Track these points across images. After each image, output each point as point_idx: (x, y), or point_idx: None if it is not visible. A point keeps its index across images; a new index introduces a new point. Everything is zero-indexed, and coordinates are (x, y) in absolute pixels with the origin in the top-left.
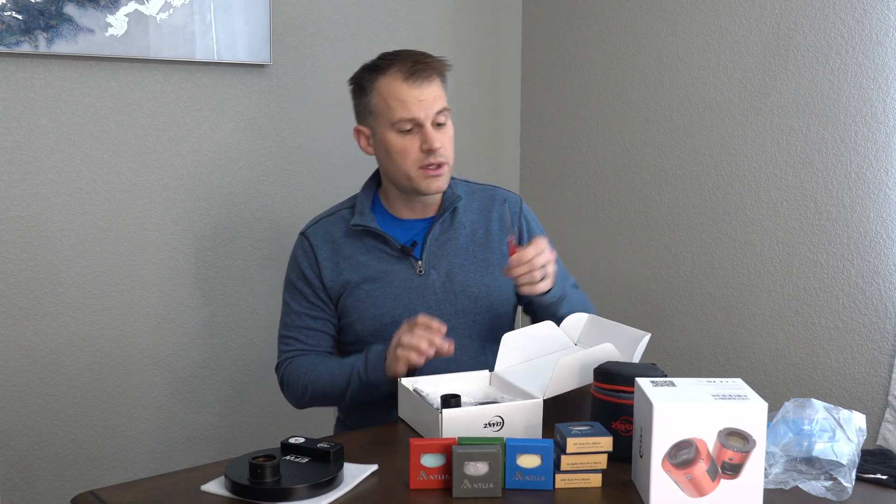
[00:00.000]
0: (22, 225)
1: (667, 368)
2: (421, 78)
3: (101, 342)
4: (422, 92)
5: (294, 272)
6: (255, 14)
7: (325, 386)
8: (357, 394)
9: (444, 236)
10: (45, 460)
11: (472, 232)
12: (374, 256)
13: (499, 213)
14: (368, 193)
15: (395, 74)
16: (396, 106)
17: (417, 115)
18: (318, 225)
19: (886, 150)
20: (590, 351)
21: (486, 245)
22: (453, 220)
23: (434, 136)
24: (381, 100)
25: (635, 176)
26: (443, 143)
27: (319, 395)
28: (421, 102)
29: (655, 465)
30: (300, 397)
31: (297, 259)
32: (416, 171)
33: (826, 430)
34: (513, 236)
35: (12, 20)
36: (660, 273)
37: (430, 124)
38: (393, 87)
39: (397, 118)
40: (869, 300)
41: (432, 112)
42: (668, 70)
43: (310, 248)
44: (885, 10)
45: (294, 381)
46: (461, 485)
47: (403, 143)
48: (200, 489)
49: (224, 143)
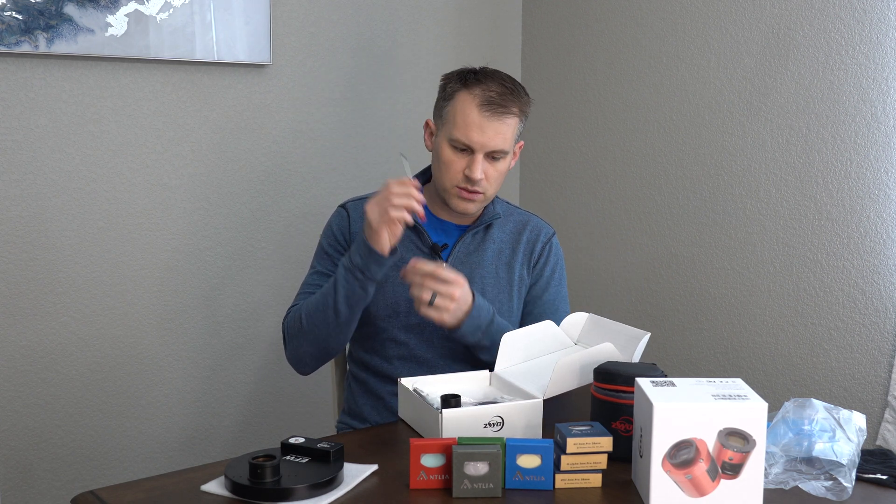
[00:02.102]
0: (22, 225)
1: (667, 368)
2: (495, 112)
3: (101, 342)
4: (489, 125)
5: (326, 238)
6: (255, 14)
7: (317, 301)
8: (348, 294)
9: (473, 246)
10: (45, 460)
11: (500, 250)
12: (405, 247)
13: (528, 240)
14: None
15: (476, 96)
16: (460, 124)
17: (473, 142)
18: (360, 202)
19: (886, 150)
20: (590, 351)
21: (509, 266)
22: (486, 234)
23: (478, 167)
24: (453, 111)
25: (635, 176)
26: (486, 177)
27: (313, 313)
28: (483, 133)
29: (655, 465)
30: (298, 333)
31: (332, 226)
32: (451, 187)
33: (826, 430)
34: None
35: (12, 20)
36: (660, 273)
37: (482, 154)
38: (466, 107)
39: (455, 136)
40: (869, 300)
41: (489, 147)
42: (668, 70)
43: (346, 218)
44: (885, 10)
45: (293, 320)
46: (461, 485)
47: (451, 158)
48: (200, 489)
49: (224, 143)
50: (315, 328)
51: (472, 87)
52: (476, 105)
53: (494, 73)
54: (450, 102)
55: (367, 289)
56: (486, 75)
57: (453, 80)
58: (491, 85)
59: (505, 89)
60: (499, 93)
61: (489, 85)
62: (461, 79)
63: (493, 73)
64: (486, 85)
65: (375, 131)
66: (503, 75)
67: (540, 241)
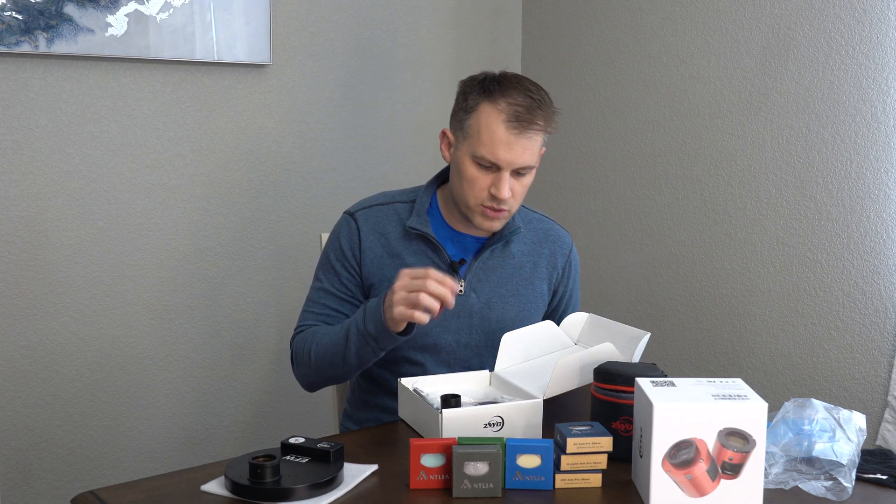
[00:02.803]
0: (22, 225)
1: (667, 368)
2: (523, 128)
3: (101, 342)
4: (517, 142)
5: (333, 250)
6: (255, 14)
7: (327, 345)
8: (360, 353)
9: (492, 262)
10: (45, 460)
11: (520, 265)
12: (422, 263)
13: (549, 253)
14: (429, 192)
15: (501, 110)
16: (486, 141)
17: (500, 160)
18: (370, 211)
19: (886, 150)
20: (590, 351)
21: (530, 281)
22: (505, 248)
23: (506, 185)
24: (476, 125)
25: (635, 176)
26: (514, 193)
27: (322, 355)
28: (511, 151)
29: (655, 465)
30: (307, 366)
31: (340, 238)
32: (475, 205)
33: (826, 430)
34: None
35: (12, 20)
36: (660, 273)
37: (509, 171)
38: (491, 122)
39: (480, 153)
40: (869, 300)
41: (517, 164)
42: (668, 70)
43: (356, 231)
44: (885, 10)
45: (301, 349)
46: (461, 485)
47: (475, 175)
48: (200, 489)
49: (224, 143)
50: (324, 369)
51: (497, 100)
52: (502, 120)
53: (519, 82)
54: (472, 115)
55: (379, 354)
56: (511, 85)
57: (475, 90)
58: (517, 97)
59: (532, 101)
60: (526, 107)
61: (515, 97)
62: (484, 89)
63: (516, 81)
64: (511, 97)
65: (375, 131)
66: (528, 84)
67: (560, 256)
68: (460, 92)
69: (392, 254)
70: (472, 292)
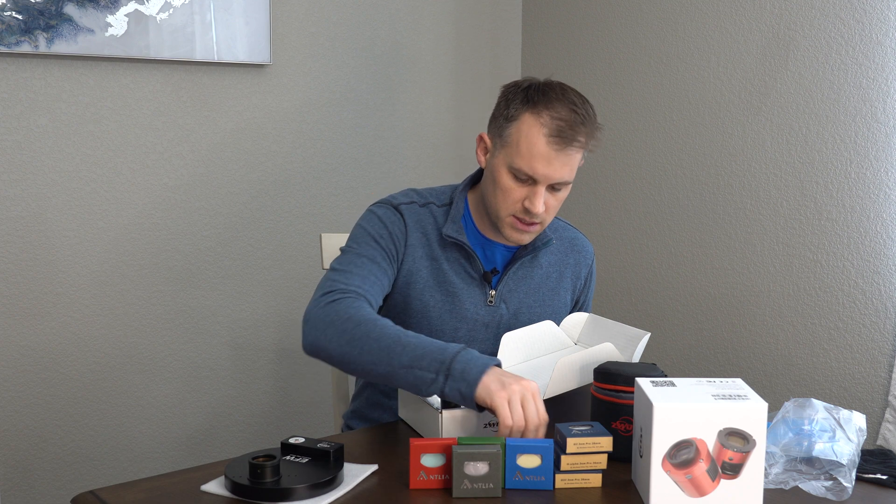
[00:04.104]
0: (22, 225)
1: (667, 368)
2: (565, 143)
3: (101, 342)
4: (557, 157)
5: (377, 229)
6: (255, 14)
7: (390, 342)
8: (420, 378)
9: (521, 272)
10: (45, 460)
11: (548, 275)
12: (455, 271)
13: (574, 263)
14: (463, 196)
15: (544, 123)
16: (525, 153)
17: (538, 174)
18: (411, 208)
19: (886, 150)
20: (590, 351)
21: (556, 291)
22: (534, 259)
23: (540, 200)
24: (516, 136)
25: (635, 176)
26: (547, 208)
27: (374, 347)
28: (550, 166)
29: (655, 465)
30: (339, 336)
31: (384, 222)
32: (507, 216)
33: (826, 430)
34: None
35: (12, 20)
36: (660, 273)
37: (545, 185)
38: (532, 134)
39: (518, 165)
40: (869, 300)
41: (554, 179)
42: (668, 70)
43: (402, 223)
44: (885, 10)
45: (345, 314)
46: (461, 485)
47: (510, 186)
48: (200, 489)
49: (224, 143)
50: (354, 357)
51: (540, 112)
52: (544, 134)
53: (563, 94)
54: (513, 124)
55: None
56: (555, 96)
57: (518, 99)
58: (561, 110)
59: (576, 116)
60: (569, 122)
61: (559, 110)
62: (527, 99)
63: (561, 92)
64: (555, 110)
65: (375, 131)
66: (573, 96)
67: (584, 267)
68: (502, 97)
69: (431, 256)
70: (503, 303)
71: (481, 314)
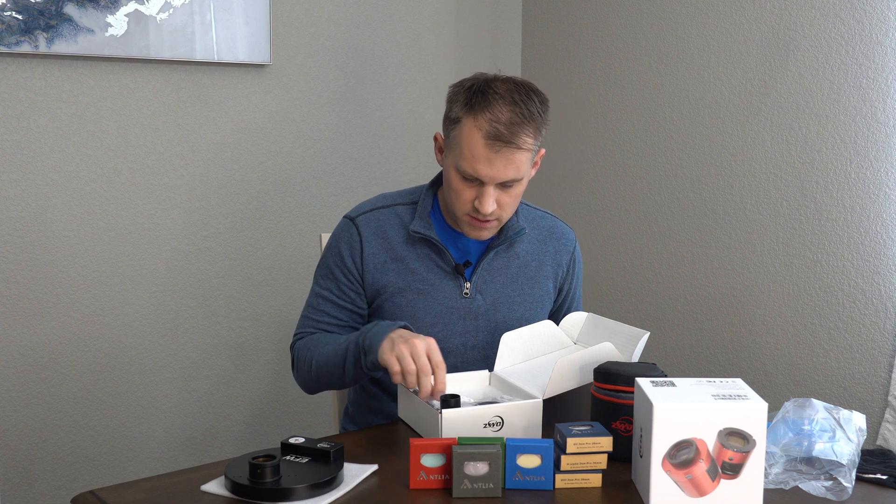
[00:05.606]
0: (22, 225)
1: (667, 368)
2: (503, 144)
3: (101, 342)
4: (497, 158)
5: (332, 256)
6: (255, 14)
7: (328, 355)
8: (357, 376)
9: (497, 263)
10: (45, 460)
11: (525, 264)
12: (426, 266)
13: (553, 251)
14: (430, 193)
15: (481, 127)
16: (467, 155)
17: (481, 175)
18: (371, 215)
19: (886, 150)
20: (589, 350)
21: (535, 280)
22: (509, 248)
23: (489, 200)
24: (459, 139)
25: (635, 175)
26: (500, 204)
27: (322, 365)
28: (492, 167)
29: (655, 465)
30: (307, 373)
31: (339, 244)
32: (462, 214)
33: (826, 430)
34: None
35: (12, 20)
36: (659, 273)
37: (492, 185)
38: (472, 137)
39: (462, 167)
40: (869, 300)
41: (500, 179)
42: (668, 70)
43: (357, 237)
44: (885, 10)
45: (302, 356)
46: (461, 485)
47: (460, 186)
48: (200, 489)
49: (224, 143)
50: (324, 378)
51: (478, 115)
52: (483, 137)
53: (505, 93)
54: (456, 127)
55: (375, 374)
56: (497, 97)
57: (459, 102)
58: (499, 112)
59: (514, 116)
60: (507, 123)
61: (497, 112)
62: (466, 101)
63: (503, 91)
64: (493, 112)
65: (375, 131)
66: (517, 94)
67: (565, 254)
68: (448, 99)
69: (396, 258)
70: (479, 294)
71: (458, 306)
